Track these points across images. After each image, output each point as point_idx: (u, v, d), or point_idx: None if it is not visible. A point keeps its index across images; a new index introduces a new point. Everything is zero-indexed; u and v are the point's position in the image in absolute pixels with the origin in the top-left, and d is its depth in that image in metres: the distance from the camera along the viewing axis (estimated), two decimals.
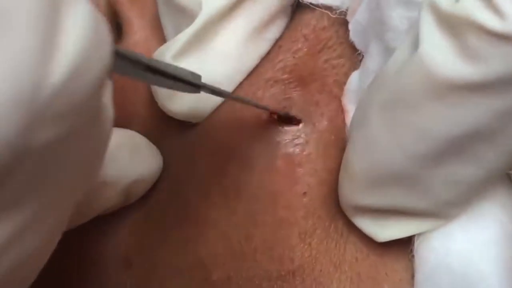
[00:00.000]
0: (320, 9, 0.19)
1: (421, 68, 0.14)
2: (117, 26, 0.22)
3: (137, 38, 0.21)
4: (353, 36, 0.18)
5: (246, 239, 0.18)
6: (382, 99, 0.15)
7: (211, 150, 0.19)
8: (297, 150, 0.18)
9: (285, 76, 0.19)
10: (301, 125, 0.18)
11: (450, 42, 0.13)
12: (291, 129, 0.18)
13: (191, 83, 0.15)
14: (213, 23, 0.18)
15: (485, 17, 0.13)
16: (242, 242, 0.18)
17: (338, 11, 0.19)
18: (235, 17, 0.19)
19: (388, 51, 0.17)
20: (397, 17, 0.16)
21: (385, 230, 0.17)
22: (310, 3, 0.19)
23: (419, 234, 0.17)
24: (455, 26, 0.13)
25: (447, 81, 0.13)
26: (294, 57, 0.19)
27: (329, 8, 0.19)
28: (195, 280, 0.18)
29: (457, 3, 0.13)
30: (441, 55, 0.13)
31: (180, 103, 0.19)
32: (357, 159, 0.16)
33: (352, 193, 0.17)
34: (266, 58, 0.20)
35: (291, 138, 0.18)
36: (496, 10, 0.12)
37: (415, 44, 0.14)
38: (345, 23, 0.19)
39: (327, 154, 0.18)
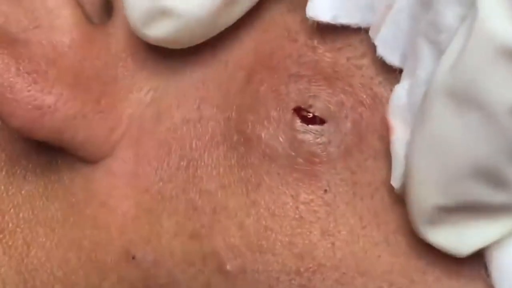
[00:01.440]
0: None
1: (484, 38, 0.14)
2: (110, 5, 0.21)
3: (124, 16, 0.19)
4: (382, 51, 0.18)
5: (265, 231, 0.18)
6: (444, 87, 0.15)
7: (229, 136, 0.19)
8: (319, 150, 0.18)
9: (309, 72, 0.19)
10: (324, 124, 0.19)
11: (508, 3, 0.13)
12: (314, 128, 0.18)
13: None
14: None
15: None
16: (261, 234, 0.18)
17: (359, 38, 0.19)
18: None
19: (442, 54, 0.16)
20: (452, 15, 0.16)
21: (467, 241, 0.17)
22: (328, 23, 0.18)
23: (493, 246, 0.17)
24: None
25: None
26: (313, 52, 0.19)
27: (347, 27, 0.19)
28: (207, 270, 0.19)
29: None
30: (502, 21, 0.13)
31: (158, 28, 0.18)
32: (424, 161, 0.16)
33: (423, 199, 0.16)
34: (284, 52, 0.19)
35: (314, 136, 0.18)
36: None
37: (472, 24, 0.14)
38: None
39: (348, 154, 0.19)
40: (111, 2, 0.21)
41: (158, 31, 0.18)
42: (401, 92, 0.18)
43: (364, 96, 0.19)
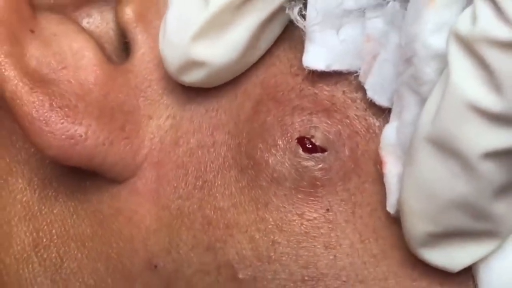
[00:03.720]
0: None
1: (456, 97, 0.16)
2: (127, 45, 0.23)
3: (143, 51, 0.22)
4: (371, 94, 0.21)
5: (273, 244, 0.21)
6: (426, 136, 0.18)
7: (240, 161, 0.21)
8: (320, 174, 0.21)
9: (310, 104, 0.21)
10: (325, 153, 0.21)
11: (476, 70, 0.16)
12: (316, 155, 0.21)
13: None
14: (228, 11, 0.20)
15: (498, 30, 0.15)
16: (269, 247, 0.21)
17: (353, 76, 0.21)
18: (247, 8, 0.20)
19: (425, 102, 0.18)
20: (432, 71, 0.18)
21: (457, 259, 0.19)
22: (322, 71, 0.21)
23: (480, 260, 0.19)
24: (476, 50, 0.16)
25: (481, 108, 0.16)
26: (313, 86, 0.21)
27: (339, 72, 0.21)
28: (222, 278, 0.21)
29: (474, 26, 0.16)
30: (469, 84, 0.16)
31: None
32: (413, 197, 0.18)
33: (415, 227, 0.19)
34: (287, 86, 0.21)
35: (316, 163, 0.21)
36: (507, 21, 0.15)
37: (446, 84, 0.17)
38: None
39: (347, 178, 0.21)
40: (128, 43, 0.23)
41: (192, 78, 0.21)
42: (390, 131, 0.20)
43: (359, 127, 0.21)
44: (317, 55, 0.21)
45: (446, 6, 0.18)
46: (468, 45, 0.16)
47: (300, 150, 0.21)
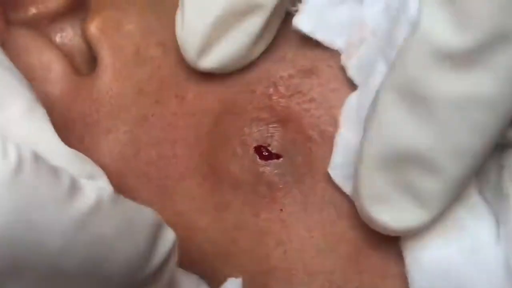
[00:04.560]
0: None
1: (425, 42, 0.17)
2: (94, 59, 0.24)
3: (104, 65, 0.24)
4: (352, 74, 0.22)
5: (232, 242, 0.22)
6: (392, 83, 0.19)
7: (202, 169, 0.23)
8: (276, 179, 0.23)
9: (267, 115, 0.23)
10: (280, 159, 0.23)
11: (445, 8, 0.17)
12: (272, 162, 0.23)
13: None
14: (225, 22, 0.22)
15: None
16: (229, 244, 0.22)
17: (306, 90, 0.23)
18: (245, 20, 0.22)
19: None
20: (404, 35, 0.19)
21: (402, 219, 0.20)
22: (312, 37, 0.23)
23: (410, 247, 0.21)
24: None
25: (447, 50, 0.17)
26: (269, 99, 0.23)
27: (300, 78, 0.23)
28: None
29: None
30: (439, 25, 0.17)
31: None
32: (370, 143, 0.19)
33: (369, 178, 0.20)
34: (245, 100, 0.23)
35: (272, 169, 0.23)
36: None
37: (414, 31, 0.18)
38: (308, 71, 0.23)
39: (300, 181, 0.23)
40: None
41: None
42: (353, 98, 0.22)
43: (312, 134, 0.23)
44: (307, 19, 0.22)
45: None
46: None
47: (257, 158, 0.23)
